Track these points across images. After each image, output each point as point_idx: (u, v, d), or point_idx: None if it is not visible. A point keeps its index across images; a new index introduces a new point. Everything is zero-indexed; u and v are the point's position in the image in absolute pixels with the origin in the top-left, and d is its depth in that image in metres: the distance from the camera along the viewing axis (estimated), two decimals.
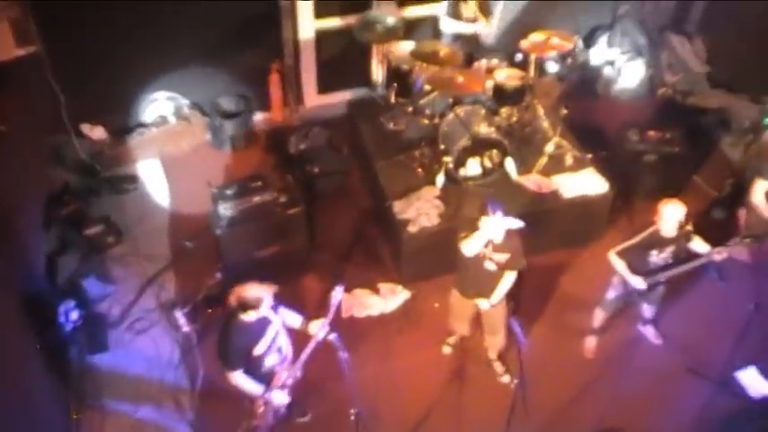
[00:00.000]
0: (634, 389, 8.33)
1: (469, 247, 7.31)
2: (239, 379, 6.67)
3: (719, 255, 7.81)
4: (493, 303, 7.72)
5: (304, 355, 6.70)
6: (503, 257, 7.43)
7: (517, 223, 7.34)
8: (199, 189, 8.93)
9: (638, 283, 7.90)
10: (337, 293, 6.58)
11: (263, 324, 6.66)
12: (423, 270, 9.12)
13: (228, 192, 8.73)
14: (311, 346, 6.62)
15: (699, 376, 8.49)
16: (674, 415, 8.25)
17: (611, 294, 8.36)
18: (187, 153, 10.69)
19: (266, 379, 6.85)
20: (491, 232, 7.25)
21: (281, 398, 6.94)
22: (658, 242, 7.83)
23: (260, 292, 6.46)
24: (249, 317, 6.51)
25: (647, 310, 8.64)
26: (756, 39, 11.27)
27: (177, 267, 9.30)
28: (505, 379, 8.39)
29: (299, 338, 6.91)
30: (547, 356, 8.38)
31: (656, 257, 7.89)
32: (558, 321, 9.03)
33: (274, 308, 6.70)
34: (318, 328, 6.60)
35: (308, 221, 9.03)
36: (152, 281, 9.14)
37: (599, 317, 8.65)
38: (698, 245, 7.92)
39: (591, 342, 8.79)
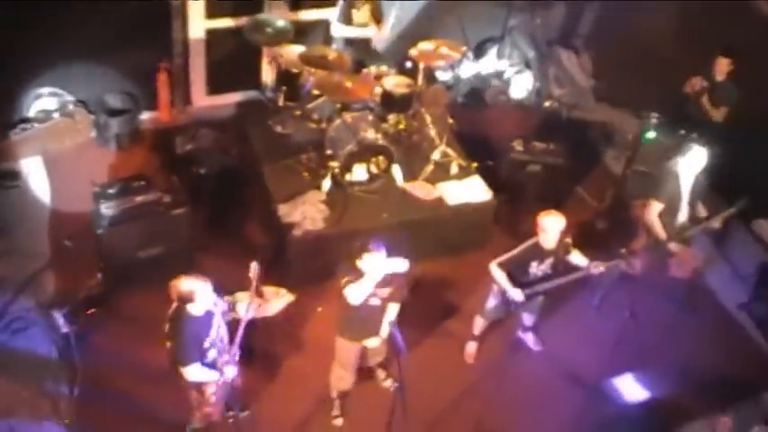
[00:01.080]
0: (512, 394, 8.48)
1: (355, 294, 7.06)
2: (197, 372, 6.66)
3: (597, 269, 8.00)
4: (382, 337, 7.60)
5: (238, 338, 6.69)
6: (386, 291, 7.32)
7: (402, 266, 7.16)
8: (82, 187, 8.79)
9: (517, 294, 8.01)
10: (253, 269, 6.69)
11: (210, 317, 6.68)
12: (307, 274, 9.08)
13: (111, 191, 8.59)
14: (242, 327, 6.63)
15: (576, 383, 8.67)
16: (551, 421, 8.39)
17: (491, 303, 8.46)
18: (71, 150, 10.45)
19: (212, 367, 6.83)
20: (375, 273, 7.04)
21: (231, 372, 6.84)
22: (538, 254, 7.98)
23: (193, 285, 6.45)
24: (196, 309, 6.52)
25: (527, 318, 8.81)
26: (639, 55, 11.61)
27: (57, 267, 9.07)
28: (387, 383, 8.42)
29: None
30: (427, 361, 8.45)
31: (536, 269, 8.05)
32: (439, 327, 9.09)
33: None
34: (244, 310, 6.71)
35: (193, 223, 8.92)
36: (31, 280, 8.88)
37: (479, 324, 8.77)
38: (576, 258, 8.11)
39: (471, 347, 8.89)
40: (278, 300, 8.93)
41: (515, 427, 8.34)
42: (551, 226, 7.82)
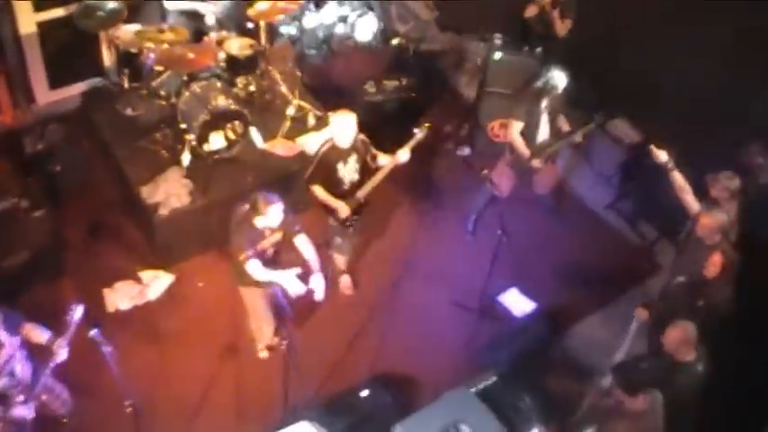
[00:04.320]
0: (402, 327, 8.71)
1: (259, 272, 7.29)
2: None
3: (405, 155, 8.21)
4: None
5: (44, 377, 6.58)
6: (278, 237, 7.51)
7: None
8: None
9: (342, 208, 8.14)
10: (76, 312, 6.42)
11: None
12: (181, 251, 9.04)
13: None
14: (51, 366, 6.49)
15: (463, 308, 8.84)
16: (445, 346, 8.56)
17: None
18: None
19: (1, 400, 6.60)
20: (271, 222, 7.30)
21: (21, 412, 6.62)
22: (338, 155, 8.12)
23: None
24: None
25: (341, 261, 8.89)
26: None
27: None
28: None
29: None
30: (312, 311, 8.49)
31: (345, 170, 8.18)
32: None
33: (10, 330, 6.46)
34: (60, 348, 6.43)
35: (56, 222, 8.74)
36: None
37: (341, 261, 8.86)
38: (382, 159, 8.34)
39: (345, 280, 9.00)
40: (157, 282, 8.88)
41: (412, 358, 8.43)
42: (342, 124, 8.05)
